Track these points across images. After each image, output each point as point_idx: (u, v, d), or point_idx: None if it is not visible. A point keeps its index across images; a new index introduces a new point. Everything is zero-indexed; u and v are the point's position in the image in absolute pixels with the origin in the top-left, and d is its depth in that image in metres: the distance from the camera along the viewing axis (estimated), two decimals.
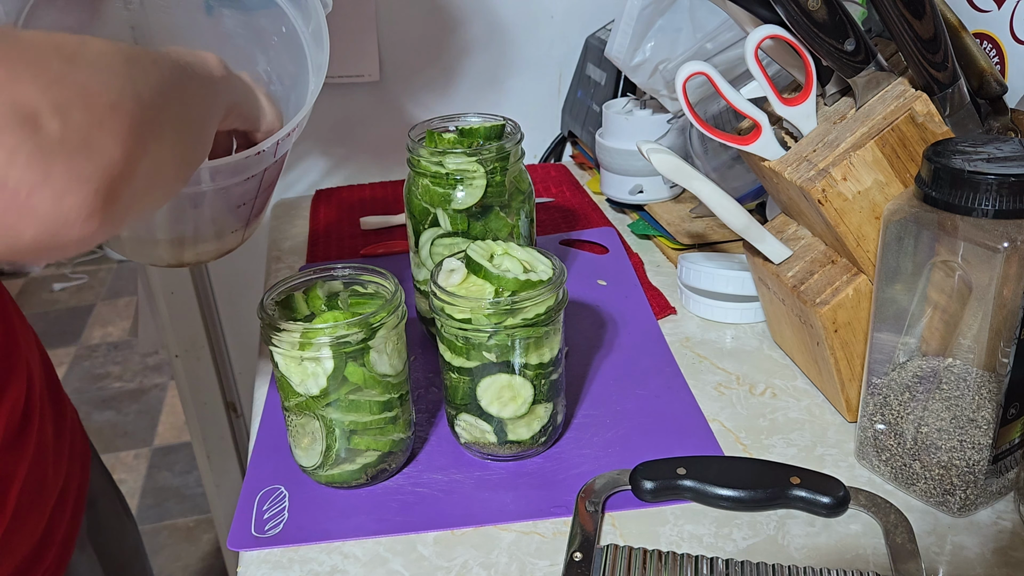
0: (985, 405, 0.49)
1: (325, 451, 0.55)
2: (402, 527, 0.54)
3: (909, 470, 0.53)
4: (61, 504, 0.62)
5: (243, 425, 1.48)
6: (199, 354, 1.35)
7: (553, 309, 0.55)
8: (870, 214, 0.55)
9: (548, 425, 0.58)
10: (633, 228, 0.93)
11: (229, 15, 0.70)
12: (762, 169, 0.61)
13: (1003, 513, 0.52)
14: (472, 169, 0.64)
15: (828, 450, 0.58)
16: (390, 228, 0.98)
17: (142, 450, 2.19)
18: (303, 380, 0.53)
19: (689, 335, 0.74)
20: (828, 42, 0.54)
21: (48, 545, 0.60)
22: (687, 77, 0.57)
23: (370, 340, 0.52)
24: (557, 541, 0.52)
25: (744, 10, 0.57)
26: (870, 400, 0.54)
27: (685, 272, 0.77)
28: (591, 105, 1.06)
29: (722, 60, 0.84)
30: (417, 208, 0.68)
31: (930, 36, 0.53)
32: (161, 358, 2.56)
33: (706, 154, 0.87)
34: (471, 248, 0.57)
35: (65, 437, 0.65)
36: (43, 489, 0.60)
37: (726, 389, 0.66)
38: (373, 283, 0.58)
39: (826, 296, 0.57)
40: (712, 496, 0.53)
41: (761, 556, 0.50)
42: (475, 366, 0.55)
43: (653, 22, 0.84)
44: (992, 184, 0.44)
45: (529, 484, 0.57)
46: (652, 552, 0.49)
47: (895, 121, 0.53)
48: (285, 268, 0.92)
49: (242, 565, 0.52)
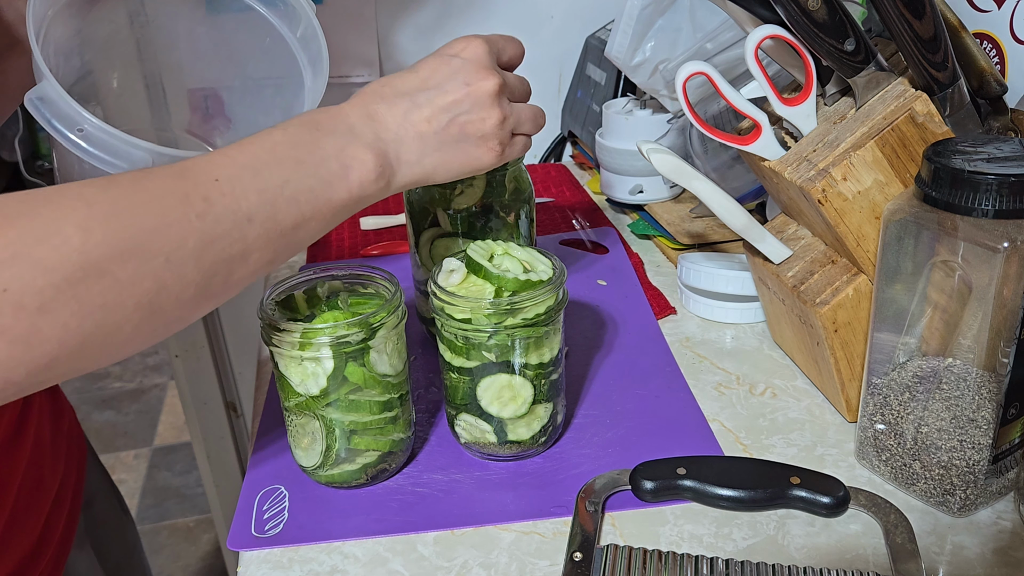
0: (985, 405, 0.49)
1: (325, 451, 0.55)
2: (402, 527, 0.54)
3: (909, 470, 0.53)
4: (59, 503, 0.62)
5: (243, 425, 1.48)
6: (199, 354, 1.35)
7: (553, 309, 0.55)
8: (870, 214, 0.55)
9: (548, 425, 0.58)
10: (633, 228, 0.93)
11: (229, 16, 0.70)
12: (762, 169, 0.61)
13: (1003, 513, 0.52)
14: None
15: (828, 450, 0.58)
16: (390, 228, 0.98)
17: (142, 450, 2.19)
18: (303, 380, 0.53)
19: (689, 335, 0.74)
20: (828, 42, 0.54)
21: (46, 544, 0.60)
22: (687, 77, 0.57)
23: (370, 340, 0.52)
24: (557, 541, 0.52)
25: (744, 10, 0.57)
26: (870, 400, 0.54)
27: (685, 272, 0.77)
28: (591, 105, 1.06)
29: (722, 60, 0.84)
30: (417, 208, 0.68)
31: (930, 36, 0.53)
32: (161, 358, 2.56)
33: (706, 154, 0.87)
34: (471, 248, 0.57)
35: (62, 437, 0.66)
36: (40, 488, 0.60)
37: (726, 389, 0.66)
38: (373, 283, 0.58)
39: (826, 296, 0.57)
40: (712, 496, 0.53)
41: (761, 556, 0.50)
42: (475, 366, 0.55)
43: (653, 22, 0.84)
44: (992, 184, 0.44)
45: (529, 484, 0.57)
46: (652, 552, 0.49)
47: (895, 121, 0.53)
48: (285, 268, 0.92)
49: (242, 565, 0.52)
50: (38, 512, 0.59)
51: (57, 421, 0.65)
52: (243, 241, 0.41)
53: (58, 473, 0.63)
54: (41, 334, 0.34)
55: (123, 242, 0.36)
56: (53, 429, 0.64)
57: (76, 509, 0.66)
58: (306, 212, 0.44)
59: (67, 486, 0.64)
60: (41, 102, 0.51)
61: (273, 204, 0.42)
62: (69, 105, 0.51)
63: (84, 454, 0.71)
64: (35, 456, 0.59)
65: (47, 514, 0.60)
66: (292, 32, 0.66)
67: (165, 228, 0.38)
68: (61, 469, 0.63)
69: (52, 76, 0.51)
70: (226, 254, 0.40)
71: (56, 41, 0.57)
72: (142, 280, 0.37)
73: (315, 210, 0.45)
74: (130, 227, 0.37)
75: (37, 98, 0.51)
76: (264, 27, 0.66)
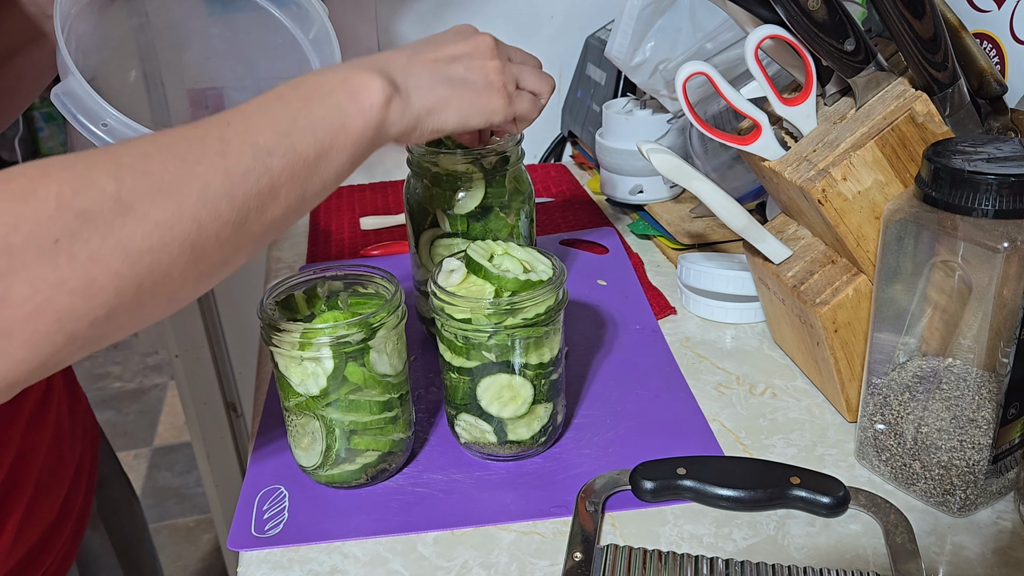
0: (985, 405, 0.49)
1: (325, 451, 0.55)
2: (402, 527, 0.54)
3: (909, 470, 0.53)
4: (76, 481, 0.64)
5: (243, 425, 1.48)
6: (199, 354, 1.35)
7: (553, 309, 0.55)
8: (870, 214, 0.55)
9: (548, 425, 0.58)
10: (633, 228, 0.93)
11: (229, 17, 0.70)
12: (762, 169, 0.61)
13: (1003, 513, 0.52)
14: (471, 170, 0.64)
15: (828, 450, 0.58)
16: (390, 228, 0.98)
17: (142, 450, 2.19)
18: (303, 380, 0.53)
19: (689, 335, 0.74)
20: (828, 42, 0.54)
21: (65, 519, 0.62)
22: (687, 77, 0.57)
23: (370, 340, 0.52)
24: (557, 541, 0.52)
25: (744, 10, 0.57)
26: (870, 400, 0.54)
27: (685, 272, 0.77)
28: (591, 105, 1.06)
29: (722, 60, 0.84)
30: (417, 208, 0.68)
31: (930, 36, 0.53)
32: (161, 358, 2.56)
33: (706, 154, 0.87)
34: (471, 248, 0.57)
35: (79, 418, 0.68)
36: (61, 465, 0.62)
37: (726, 389, 0.66)
38: (373, 283, 0.58)
39: (826, 296, 0.57)
40: (712, 496, 0.53)
41: (761, 556, 0.50)
42: (475, 366, 0.55)
43: (653, 22, 0.84)
44: (992, 184, 0.44)
45: (529, 484, 0.57)
46: (652, 552, 0.49)
47: (895, 121, 0.53)
48: (285, 268, 0.92)
49: (242, 565, 0.52)
50: (58, 488, 0.61)
51: (74, 406, 0.68)
52: (269, 175, 0.42)
53: (76, 452, 0.65)
54: (97, 283, 0.36)
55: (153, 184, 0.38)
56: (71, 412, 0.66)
57: (91, 489, 0.68)
58: (324, 141, 0.45)
59: (83, 466, 0.66)
60: (67, 97, 0.52)
61: (289, 135, 0.44)
62: (94, 100, 0.52)
63: (98, 438, 0.74)
64: (56, 435, 0.62)
65: (66, 491, 0.62)
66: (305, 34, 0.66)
67: (192, 166, 0.40)
68: (78, 449, 0.66)
69: (78, 71, 0.52)
70: (255, 189, 0.42)
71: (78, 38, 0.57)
72: (179, 220, 0.39)
73: (333, 139, 0.46)
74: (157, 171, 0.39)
75: (63, 93, 0.52)
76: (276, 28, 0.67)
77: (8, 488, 0.55)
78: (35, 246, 0.35)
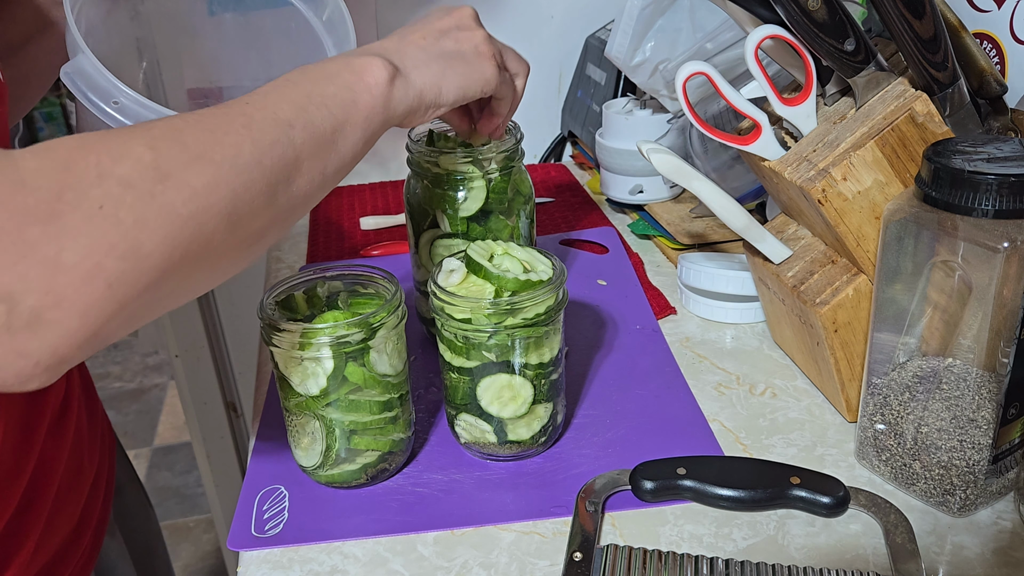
0: (985, 405, 0.49)
1: (325, 451, 0.55)
2: (402, 527, 0.54)
3: (909, 470, 0.53)
4: (95, 489, 0.65)
5: (243, 425, 1.48)
6: (199, 354, 1.35)
7: (553, 309, 0.55)
8: (870, 214, 0.55)
9: (548, 425, 0.58)
10: (633, 228, 0.93)
11: (230, 17, 0.70)
12: (762, 169, 0.61)
13: (1003, 513, 0.52)
14: (471, 171, 0.64)
15: (828, 450, 0.58)
16: (390, 228, 0.98)
17: (142, 450, 2.20)
18: (303, 380, 0.53)
19: (689, 335, 0.74)
20: (828, 42, 0.54)
21: (85, 528, 0.62)
22: (687, 77, 0.57)
23: (370, 340, 0.52)
24: (557, 541, 0.52)
25: (744, 10, 0.57)
26: (870, 400, 0.54)
27: (685, 272, 0.77)
28: (591, 105, 1.06)
29: (722, 60, 0.84)
30: (417, 209, 0.68)
31: (930, 36, 0.53)
32: (161, 358, 2.56)
33: (706, 154, 0.87)
34: (471, 248, 0.57)
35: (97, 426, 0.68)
36: (80, 473, 0.62)
37: (726, 389, 0.66)
38: (373, 283, 0.58)
39: (826, 296, 0.57)
40: (712, 496, 0.53)
41: (761, 556, 0.50)
42: (475, 366, 0.55)
43: (653, 22, 0.84)
44: (992, 184, 0.44)
45: (529, 484, 0.57)
46: (652, 552, 0.49)
47: (895, 121, 0.53)
48: (285, 268, 0.92)
49: (242, 565, 0.52)
50: (78, 495, 0.62)
51: (92, 412, 0.68)
52: (292, 146, 0.44)
53: (95, 460, 0.65)
54: (144, 248, 0.37)
55: (188, 152, 0.39)
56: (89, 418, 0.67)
57: (109, 496, 0.68)
58: (338, 116, 0.47)
59: (102, 473, 0.67)
60: (77, 75, 0.52)
61: (306, 110, 0.45)
62: (105, 78, 0.52)
63: (114, 445, 0.74)
64: (76, 441, 0.62)
65: (85, 499, 0.63)
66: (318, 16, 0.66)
67: (222, 137, 0.41)
68: (97, 456, 0.66)
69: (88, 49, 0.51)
70: (281, 160, 0.43)
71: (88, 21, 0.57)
72: (216, 187, 0.40)
73: (346, 114, 0.48)
74: (190, 141, 0.40)
75: (73, 72, 0.52)
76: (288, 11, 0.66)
77: (30, 497, 0.55)
78: (81, 211, 0.35)
